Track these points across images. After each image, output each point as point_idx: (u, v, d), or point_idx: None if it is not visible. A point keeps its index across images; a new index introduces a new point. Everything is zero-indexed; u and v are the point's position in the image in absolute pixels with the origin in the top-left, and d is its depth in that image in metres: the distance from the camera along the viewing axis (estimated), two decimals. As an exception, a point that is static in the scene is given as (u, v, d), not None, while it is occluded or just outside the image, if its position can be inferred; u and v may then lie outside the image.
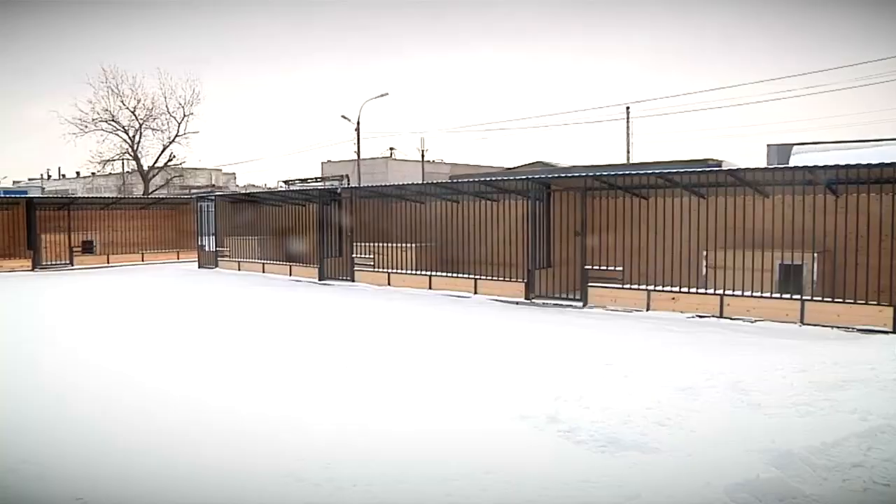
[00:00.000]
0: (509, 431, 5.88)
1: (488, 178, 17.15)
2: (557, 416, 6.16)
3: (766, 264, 12.02)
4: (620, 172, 15.27)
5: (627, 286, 13.19)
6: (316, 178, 37.38)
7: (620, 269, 13.47)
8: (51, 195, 43.11)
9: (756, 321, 11.35)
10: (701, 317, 11.91)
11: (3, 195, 33.63)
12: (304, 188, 29.36)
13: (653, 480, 4.74)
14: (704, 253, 12.94)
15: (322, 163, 55.99)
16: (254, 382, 7.71)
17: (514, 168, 35.13)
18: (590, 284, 13.58)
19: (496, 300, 14.60)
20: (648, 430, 5.78)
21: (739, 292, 11.88)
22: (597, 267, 13.74)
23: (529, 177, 15.32)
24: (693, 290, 12.49)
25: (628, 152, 46.86)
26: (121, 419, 6.38)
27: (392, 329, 11.35)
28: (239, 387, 7.52)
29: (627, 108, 47.12)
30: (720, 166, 16.38)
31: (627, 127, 47.18)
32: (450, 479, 4.80)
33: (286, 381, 7.77)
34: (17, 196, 30.80)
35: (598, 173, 14.60)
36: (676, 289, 12.69)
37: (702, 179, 13.45)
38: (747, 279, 12.02)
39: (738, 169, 12.76)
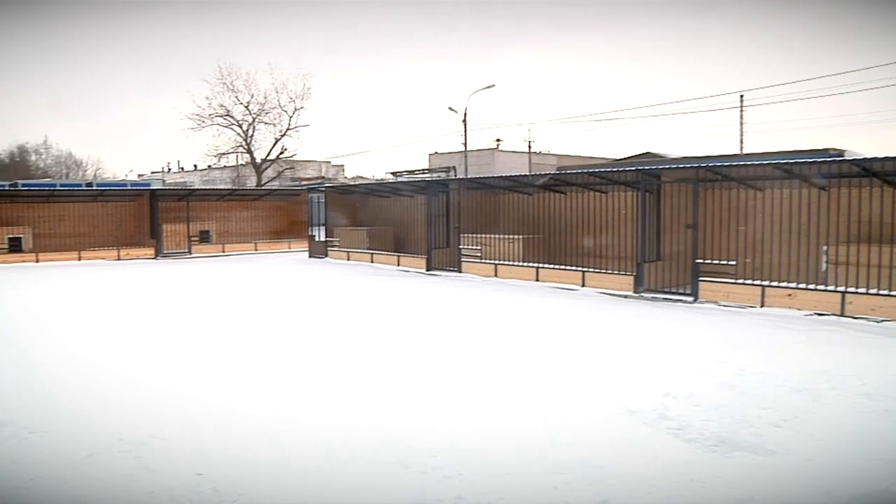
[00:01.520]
0: (617, 426, 5.80)
1: (597, 170, 16.90)
2: (667, 413, 6.05)
3: (894, 260, 11.34)
4: (735, 163, 14.74)
5: (741, 281, 12.73)
6: (423, 170, 37.83)
7: (734, 263, 13.02)
8: (171, 187, 45.26)
9: (882, 321, 10.74)
10: (820, 315, 11.36)
11: (130, 187, 35.72)
12: (412, 179, 29.73)
13: (767, 484, 4.59)
14: (824, 248, 12.34)
15: (429, 154, 56.63)
16: (365, 370, 7.90)
17: (622, 159, 34.56)
18: (701, 279, 13.18)
19: (604, 293, 14.39)
20: (763, 432, 5.59)
21: (863, 290, 11.27)
22: (708, 261, 13.33)
23: (639, 168, 15.00)
24: (812, 286, 11.93)
25: (741, 142, 45.25)
26: (241, 396, 6.69)
27: (499, 320, 11.37)
28: (350, 374, 7.73)
29: (741, 95, 45.52)
30: (842, 156, 15.58)
31: (741, 115, 45.59)
32: (556, 472, 4.80)
33: (395, 369, 7.92)
34: (142, 188, 32.64)
35: (710, 164, 14.13)
36: (793, 285, 12.16)
37: (823, 170, 12.81)
38: (872, 276, 11.38)
39: (864, 159, 12.08)
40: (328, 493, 4.63)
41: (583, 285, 15.16)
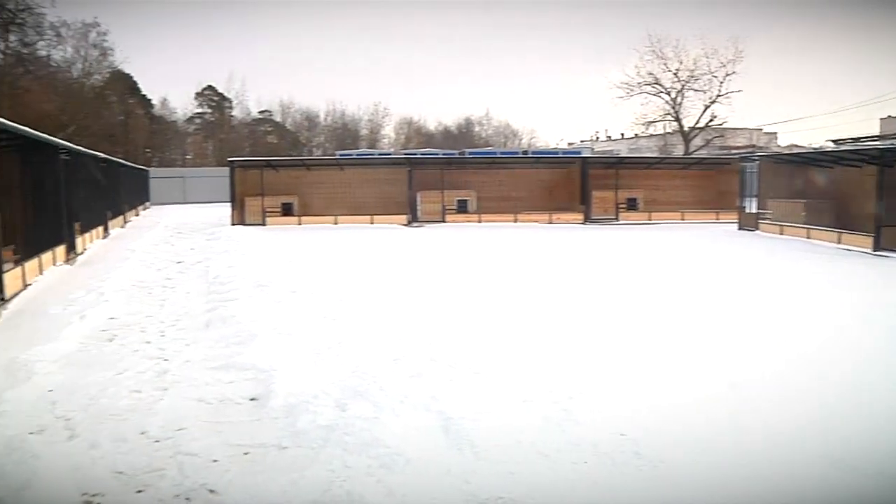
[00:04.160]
0: None
1: None
2: None
3: None
4: None
5: None
6: (872, 137, 34.00)
7: None
8: (600, 155, 47.06)
9: None
10: None
11: (561, 156, 38.27)
12: (859, 147, 27.00)
13: None
14: None
15: (880, 119, 50.43)
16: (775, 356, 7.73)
17: None
18: None
19: None
20: None
21: None
22: None
23: None
24: None
25: None
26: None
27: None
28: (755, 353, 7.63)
29: None
30: None
31: None
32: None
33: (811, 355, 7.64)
34: (573, 156, 34.79)
35: None
36: None
37: None
38: None
39: None
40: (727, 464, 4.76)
41: None
